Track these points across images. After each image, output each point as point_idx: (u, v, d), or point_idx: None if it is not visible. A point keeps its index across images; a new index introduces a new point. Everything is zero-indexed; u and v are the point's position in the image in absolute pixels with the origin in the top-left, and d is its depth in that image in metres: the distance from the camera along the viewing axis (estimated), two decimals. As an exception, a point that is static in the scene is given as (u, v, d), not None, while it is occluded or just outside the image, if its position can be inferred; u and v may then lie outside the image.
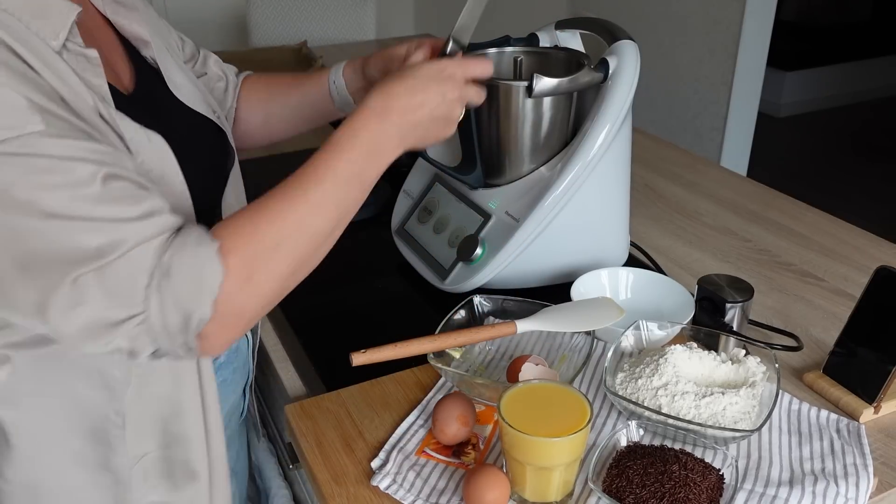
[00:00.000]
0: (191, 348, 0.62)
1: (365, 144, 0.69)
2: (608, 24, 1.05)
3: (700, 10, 2.78)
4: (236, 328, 0.64)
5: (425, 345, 0.81)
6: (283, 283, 0.66)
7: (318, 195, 0.66)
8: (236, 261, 0.61)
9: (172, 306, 0.59)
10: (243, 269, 0.62)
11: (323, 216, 0.67)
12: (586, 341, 0.91)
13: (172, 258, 0.60)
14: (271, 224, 0.64)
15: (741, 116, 2.81)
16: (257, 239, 0.63)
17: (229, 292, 0.61)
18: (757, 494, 0.73)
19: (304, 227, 0.66)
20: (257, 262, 0.63)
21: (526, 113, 1.00)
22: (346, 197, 0.69)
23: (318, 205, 0.66)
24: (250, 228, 0.63)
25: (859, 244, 1.22)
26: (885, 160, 4.01)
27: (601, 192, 1.03)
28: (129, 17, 0.79)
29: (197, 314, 0.60)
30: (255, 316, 0.66)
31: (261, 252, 0.63)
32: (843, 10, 5.00)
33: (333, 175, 0.67)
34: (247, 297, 0.63)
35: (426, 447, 0.78)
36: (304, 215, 0.66)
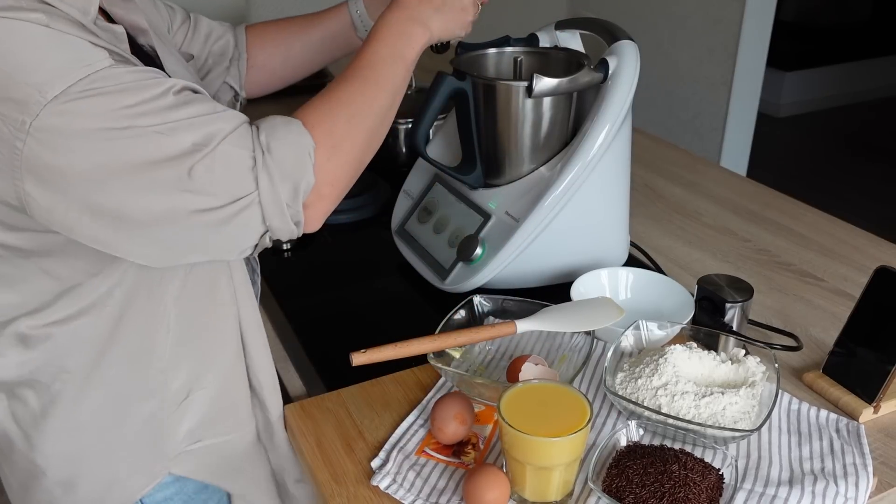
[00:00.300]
0: (298, 221, 0.69)
1: (396, 31, 0.78)
2: (608, 24, 1.05)
3: (700, 10, 2.78)
4: (331, 197, 0.71)
5: (425, 345, 0.81)
6: (362, 152, 0.74)
7: (372, 74, 0.75)
8: (320, 132, 0.69)
9: (280, 178, 0.66)
10: (328, 138, 0.69)
11: (381, 92, 0.75)
12: (586, 341, 0.91)
13: (268, 137, 0.66)
14: (341, 102, 0.72)
15: (741, 116, 2.81)
16: (333, 114, 0.71)
17: (321, 161, 0.69)
18: (757, 494, 0.73)
19: (368, 101, 0.74)
20: (338, 132, 0.70)
21: (526, 113, 1.00)
22: (395, 74, 0.77)
23: (375, 82, 0.75)
24: (325, 107, 0.71)
25: (859, 244, 1.22)
26: (884, 160, 4.01)
27: (601, 192, 1.03)
28: (125, 8, 0.80)
29: (304, 181, 0.67)
30: (345, 184, 0.73)
31: (338, 124, 0.71)
32: (843, 10, 5.00)
33: (379, 57, 0.77)
34: (335, 164, 0.70)
35: (426, 447, 0.79)
36: (365, 91, 0.74)
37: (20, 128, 0.58)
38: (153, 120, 0.61)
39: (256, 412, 0.87)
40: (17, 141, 0.59)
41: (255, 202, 0.65)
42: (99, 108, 0.59)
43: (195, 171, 0.62)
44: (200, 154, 0.62)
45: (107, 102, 0.60)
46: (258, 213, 0.66)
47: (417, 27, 0.80)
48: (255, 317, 0.85)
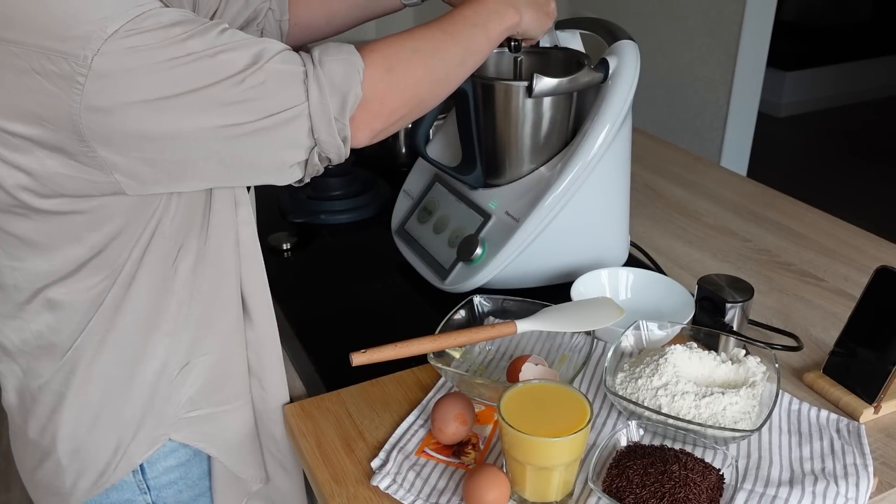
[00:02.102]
0: (346, 136, 0.71)
1: (491, 7, 0.82)
2: (608, 23, 1.05)
3: (700, 10, 2.78)
4: (380, 116, 0.73)
5: (425, 345, 0.81)
6: (418, 85, 0.75)
7: (451, 28, 0.79)
8: (376, 56, 0.72)
9: (329, 90, 0.69)
10: (384, 61, 0.72)
11: (454, 44, 0.78)
12: (586, 341, 0.91)
13: (321, 53, 0.70)
14: (411, 37, 0.75)
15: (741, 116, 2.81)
16: (397, 44, 0.74)
17: (372, 78, 0.71)
18: (757, 494, 0.73)
19: (437, 47, 0.77)
20: (396, 58, 0.73)
21: (526, 113, 1.00)
22: (473, 38, 0.80)
23: (451, 34, 0.78)
24: (392, 39, 0.75)
25: (859, 244, 1.22)
26: (884, 160, 4.01)
27: (601, 192, 1.03)
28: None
29: (352, 94, 0.70)
30: (397, 108, 0.75)
31: (399, 52, 0.74)
32: (843, 10, 5.00)
33: (464, 18, 0.80)
34: (387, 84, 0.72)
35: (426, 447, 0.78)
36: (437, 38, 0.77)
37: (83, 63, 0.61)
38: (206, 44, 0.64)
39: (254, 387, 0.87)
40: (79, 76, 0.61)
41: (304, 113, 0.68)
42: (156, 39, 0.63)
43: (248, 83, 0.65)
44: (253, 69, 0.65)
45: (162, 33, 0.63)
46: (307, 124, 0.69)
47: (511, 9, 0.83)
48: (261, 285, 0.86)
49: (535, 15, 0.87)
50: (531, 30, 0.88)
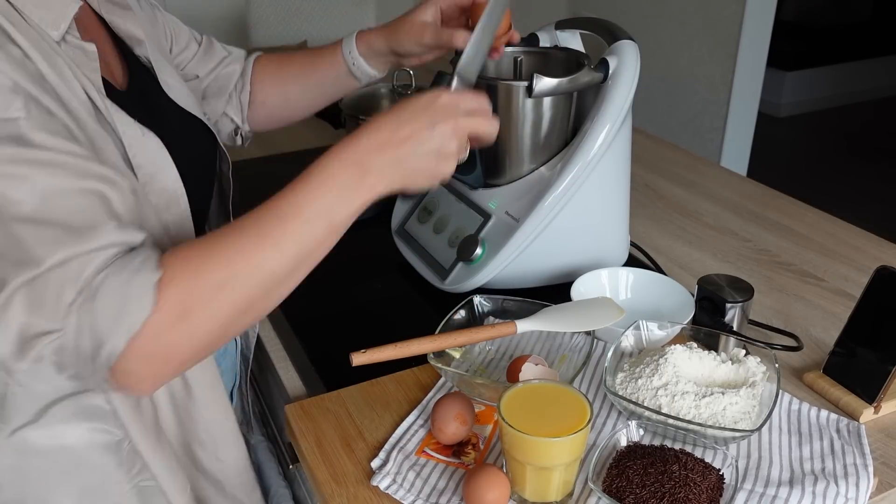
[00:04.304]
0: (104, 380, 0.58)
1: (338, 181, 0.64)
2: (608, 24, 1.05)
3: (700, 10, 2.78)
4: (164, 368, 0.60)
5: (425, 345, 0.81)
6: (225, 326, 0.61)
7: (277, 233, 0.61)
8: (174, 295, 0.57)
9: (88, 330, 0.56)
10: (179, 305, 0.58)
11: (280, 257, 0.62)
12: (586, 341, 0.91)
13: (105, 280, 0.56)
14: (220, 260, 0.60)
15: (741, 116, 2.81)
16: (203, 274, 0.59)
17: (158, 329, 0.57)
18: (757, 494, 0.73)
19: (256, 267, 0.61)
20: (197, 299, 0.58)
21: (526, 113, 1.00)
22: (311, 238, 0.63)
23: (277, 244, 0.61)
24: (198, 263, 0.59)
25: (859, 244, 1.22)
26: (885, 160, 4.01)
27: (601, 192, 1.03)
28: (123, 17, 0.79)
29: (108, 346, 0.56)
30: (189, 358, 0.61)
31: (203, 289, 0.59)
32: (843, 10, 5.00)
33: (298, 213, 0.62)
34: (178, 336, 0.58)
35: (426, 447, 0.78)
36: (258, 254, 0.61)
37: None
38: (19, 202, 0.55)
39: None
40: None
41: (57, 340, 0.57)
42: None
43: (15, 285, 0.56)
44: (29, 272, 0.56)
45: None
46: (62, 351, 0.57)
47: (369, 181, 0.64)
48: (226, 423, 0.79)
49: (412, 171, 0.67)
50: (409, 187, 0.68)
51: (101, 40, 0.77)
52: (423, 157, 0.66)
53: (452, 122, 0.68)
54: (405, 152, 0.65)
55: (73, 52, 0.66)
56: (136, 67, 0.80)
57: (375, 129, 0.66)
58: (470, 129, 0.70)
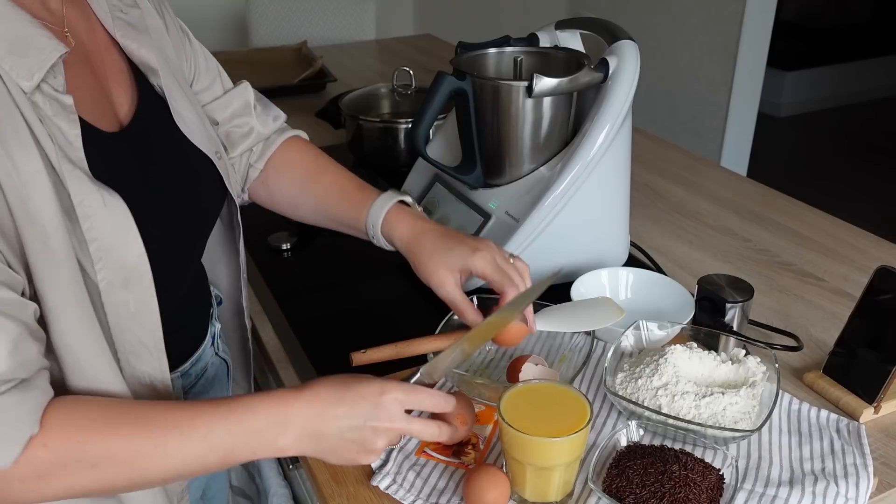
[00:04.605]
0: None
1: (256, 425, 0.62)
2: (608, 24, 1.05)
3: (700, 10, 2.79)
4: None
5: (425, 345, 0.81)
6: (79, 496, 0.60)
7: (174, 444, 0.60)
8: (41, 458, 0.56)
9: None
10: (43, 469, 0.57)
11: (162, 468, 0.61)
12: (586, 341, 0.91)
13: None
14: (102, 447, 0.58)
15: (741, 116, 2.81)
16: (79, 451, 0.58)
17: (9, 479, 0.56)
18: (757, 494, 0.73)
19: (134, 469, 0.60)
20: (63, 471, 0.58)
21: (526, 113, 1.00)
22: (202, 463, 0.62)
23: (164, 456, 0.60)
24: (79, 439, 0.58)
25: (859, 244, 1.22)
26: (885, 160, 4.01)
27: (601, 192, 1.03)
28: (139, 41, 0.76)
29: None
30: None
31: (73, 465, 0.58)
32: (843, 10, 5.00)
33: (202, 437, 0.61)
34: (26, 490, 0.57)
35: (426, 447, 0.78)
36: (142, 459, 0.59)
37: None
38: None
39: None
40: None
41: None
42: None
43: None
44: None
45: None
46: None
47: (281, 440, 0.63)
48: None
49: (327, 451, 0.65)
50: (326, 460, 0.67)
51: (112, 66, 0.74)
52: (345, 442, 0.65)
53: (387, 424, 0.66)
54: (330, 431, 0.64)
55: (49, 103, 0.62)
56: (149, 95, 0.76)
57: (314, 394, 0.65)
58: (406, 433, 0.68)
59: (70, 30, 0.70)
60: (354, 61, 2.25)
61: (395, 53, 2.40)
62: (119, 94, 0.74)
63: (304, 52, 2.12)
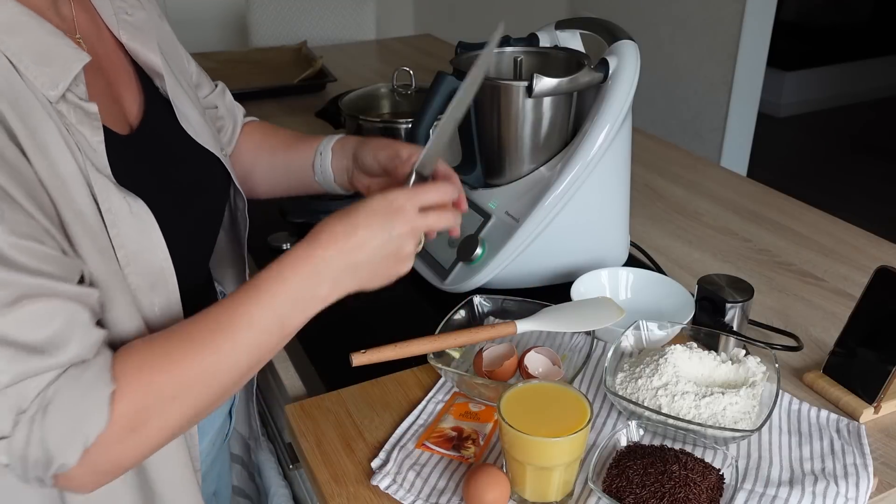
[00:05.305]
0: (45, 483, 0.58)
1: (293, 290, 0.63)
2: (608, 24, 1.05)
3: (700, 10, 2.79)
4: (108, 476, 0.60)
5: (425, 345, 0.81)
6: (174, 433, 0.62)
7: (229, 345, 0.61)
8: (126, 410, 0.57)
9: (39, 444, 0.55)
10: (132, 419, 0.58)
11: (231, 367, 0.62)
12: (586, 341, 0.91)
13: (57, 394, 0.56)
14: (172, 374, 0.59)
15: (741, 116, 2.81)
16: (155, 388, 0.59)
17: (108, 442, 0.57)
18: (757, 494, 0.73)
19: (208, 379, 0.61)
20: (149, 413, 0.58)
21: (526, 113, 1.00)
22: (262, 346, 0.63)
23: (228, 355, 0.61)
24: (150, 375, 0.59)
25: (859, 244, 1.22)
26: (885, 160, 4.01)
27: (601, 192, 1.03)
28: (144, 43, 0.76)
29: (59, 460, 0.56)
30: (134, 464, 0.61)
31: (155, 403, 0.59)
32: (843, 10, 5.00)
33: (250, 323, 0.62)
34: (127, 447, 0.59)
35: (426, 440, 0.78)
36: (210, 366, 0.60)
37: None
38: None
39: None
40: None
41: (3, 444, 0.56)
42: None
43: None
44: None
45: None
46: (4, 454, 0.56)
47: (324, 288, 0.65)
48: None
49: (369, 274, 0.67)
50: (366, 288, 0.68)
51: (118, 68, 0.74)
52: (379, 261, 0.66)
53: (408, 225, 0.67)
54: (361, 258, 0.65)
55: (74, 111, 0.62)
56: (154, 97, 0.77)
57: (329, 234, 0.65)
58: (427, 227, 0.69)
59: (81, 34, 0.70)
60: (354, 61, 2.25)
61: (395, 53, 2.40)
62: (127, 96, 0.74)
63: (304, 52, 2.12)
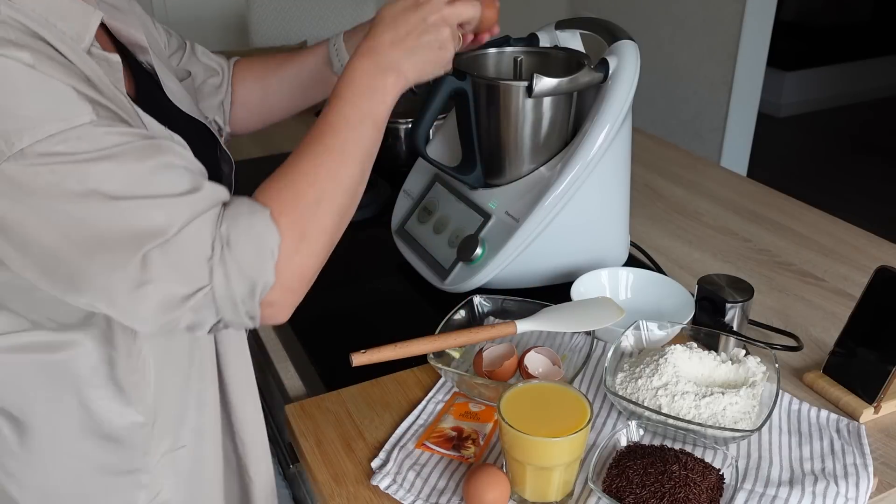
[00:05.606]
0: (254, 316, 0.64)
1: (365, 85, 0.71)
2: (608, 24, 1.05)
3: (700, 10, 2.79)
4: (299, 290, 0.66)
5: (425, 345, 0.81)
6: (332, 236, 0.68)
7: (339, 143, 0.69)
8: (288, 222, 0.64)
9: (237, 275, 0.61)
10: (296, 229, 0.64)
11: (350, 163, 0.69)
12: (586, 341, 0.91)
13: (230, 228, 0.61)
14: (307, 182, 0.66)
15: (741, 116, 2.81)
16: (300, 199, 0.65)
17: (288, 254, 0.63)
18: (757, 494, 0.73)
19: (337, 178, 0.68)
20: (306, 220, 0.65)
21: (526, 113, 1.00)
22: (365, 139, 0.70)
23: (343, 153, 0.69)
24: (291, 191, 0.66)
25: (859, 244, 1.22)
26: (885, 160, 4.01)
27: (601, 192, 1.03)
28: (125, 22, 0.78)
29: (262, 280, 0.62)
30: (314, 274, 0.68)
31: (306, 210, 0.65)
32: (843, 10, 5.00)
33: (346, 121, 0.69)
34: (304, 256, 0.65)
35: (426, 440, 0.78)
36: (333, 166, 0.68)
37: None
38: (120, 192, 0.58)
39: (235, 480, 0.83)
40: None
41: (207, 294, 0.61)
42: (66, 171, 0.56)
43: (151, 255, 0.58)
44: (160, 239, 0.59)
45: (75, 167, 0.56)
46: (211, 304, 0.61)
47: (389, 76, 0.72)
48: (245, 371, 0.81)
49: (422, 59, 0.74)
50: (424, 75, 0.76)
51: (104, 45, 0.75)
52: (425, 46, 0.74)
53: (438, 13, 0.75)
54: (410, 45, 0.73)
55: (99, 64, 0.65)
56: (139, 73, 0.79)
57: (377, 34, 0.73)
58: (455, 16, 0.76)
59: None
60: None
61: (395, 53, 2.40)
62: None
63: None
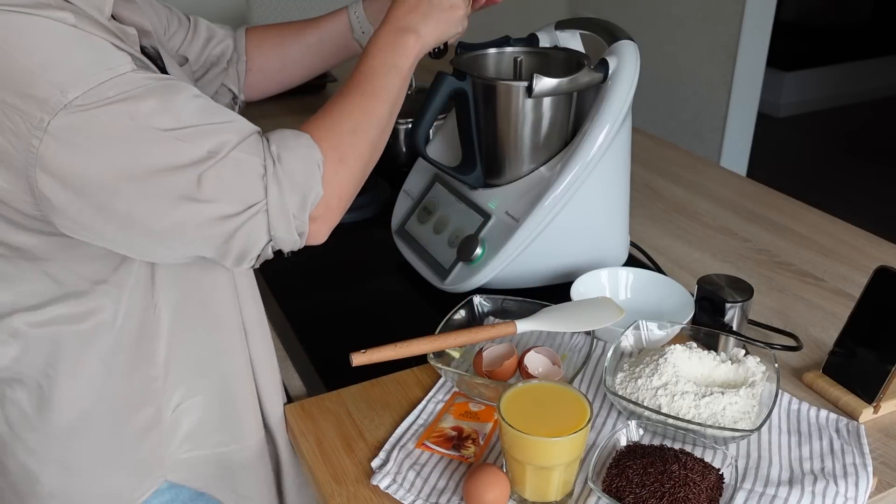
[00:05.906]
0: (303, 232, 0.69)
1: (389, 44, 0.80)
2: (608, 24, 1.05)
3: (700, 10, 2.78)
4: (338, 207, 0.72)
5: (425, 345, 0.81)
6: (365, 164, 0.75)
7: (369, 86, 0.77)
8: (327, 146, 0.71)
9: (290, 188, 0.67)
10: (335, 152, 0.71)
11: (380, 103, 0.77)
12: (586, 341, 0.91)
13: (279, 147, 0.67)
14: (344, 114, 0.74)
15: (741, 116, 2.81)
16: (338, 128, 0.72)
17: (330, 175, 0.70)
18: (757, 494, 0.73)
19: (369, 113, 0.75)
20: (343, 145, 0.72)
21: (526, 113, 1.00)
22: (391, 84, 0.78)
23: (373, 94, 0.76)
24: (329, 121, 0.73)
25: (859, 244, 1.22)
26: (884, 160, 4.01)
27: (601, 192, 1.03)
28: (129, 8, 0.79)
29: (313, 192, 0.68)
30: (351, 195, 0.74)
31: (344, 137, 0.72)
32: (843, 10, 5.00)
33: (373, 71, 0.78)
34: (342, 177, 0.71)
35: (426, 440, 0.79)
36: (366, 103, 0.76)
37: (38, 125, 0.58)
38: (169, 125, 0.62)
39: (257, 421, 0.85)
40: (34, 139, 0.59)
41: (262, 210, 0.66)
42: (118, 112, 0.60)
43: (205, 177, 0.63)
44: (212, 161, 0.63)
45: (126, 106, 0.60)
46: (265, 221, 0.66)
47: (409, 36, 0.81)
48: (259, 319, 0.84)
49: (436, 21, 0.83)
50: (441, 35, 0.84)
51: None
52: (437, 7, 0.83)
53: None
54: (423, 10, 0.82)
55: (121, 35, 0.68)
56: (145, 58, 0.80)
57: (394, 8, 0.82)
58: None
59: None
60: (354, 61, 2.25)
61: (395, 53, 2.40)
62: None
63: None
